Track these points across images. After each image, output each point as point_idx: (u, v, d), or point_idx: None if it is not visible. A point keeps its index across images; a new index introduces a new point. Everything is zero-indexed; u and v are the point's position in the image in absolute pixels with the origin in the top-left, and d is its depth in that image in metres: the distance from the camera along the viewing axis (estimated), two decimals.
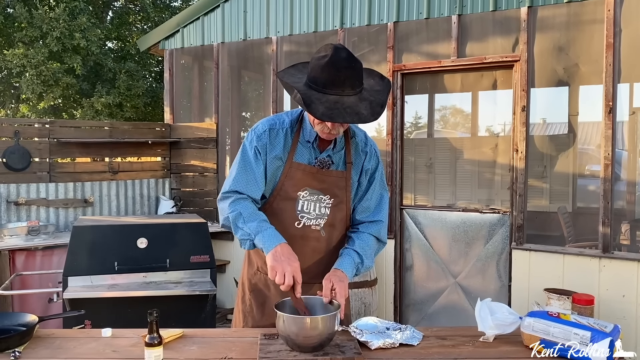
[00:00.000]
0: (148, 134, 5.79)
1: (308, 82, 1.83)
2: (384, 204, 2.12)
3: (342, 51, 1.79)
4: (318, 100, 1.78)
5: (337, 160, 2.03)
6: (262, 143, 1.99)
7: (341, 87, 1.78)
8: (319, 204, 2.02)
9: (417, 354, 1.77)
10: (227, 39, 5.54)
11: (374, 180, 2.09)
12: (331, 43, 1.83)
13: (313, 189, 2.00)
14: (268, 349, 1.69)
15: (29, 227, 4.56)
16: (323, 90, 1.79)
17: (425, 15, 4.50)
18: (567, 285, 3.85)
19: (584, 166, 4.94)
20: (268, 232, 1.88)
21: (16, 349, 1.76)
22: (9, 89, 10.88)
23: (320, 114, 1.76)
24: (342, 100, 1.78)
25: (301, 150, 2.01)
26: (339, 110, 1.77)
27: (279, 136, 2.00)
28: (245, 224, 1.90)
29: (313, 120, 1.92)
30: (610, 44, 3.78)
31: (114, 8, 12.25)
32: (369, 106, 1.81)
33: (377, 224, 2.09)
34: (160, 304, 3.12)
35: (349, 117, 1.78)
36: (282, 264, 1.79)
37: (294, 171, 1.99)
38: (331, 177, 2.02)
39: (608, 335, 1.63)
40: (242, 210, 1.93)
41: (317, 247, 2.05)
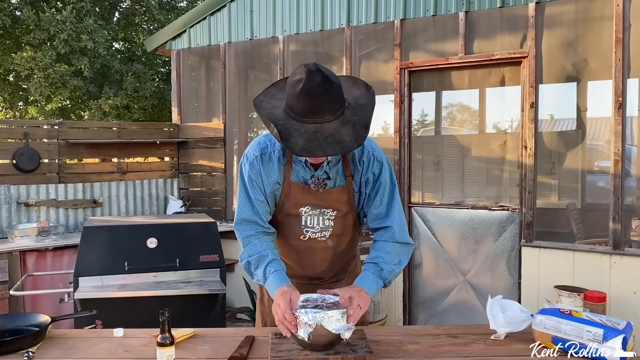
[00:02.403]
0: (156, 134, 5.82)
1: (286, 109, 1.73)
2: (395, 207, 1.99)
3: (316, 75, 1.66)
4: (297, 132, 1.68)
5: (334, 175, 1.95)
6: (255, 171, 1.93)
7: (320, 115, 1.67)
8: (322, 217, 1.99)
9: (428, 352, 1.76)
10: (233, 38, 5.55)
11: (380, 185, 1.97)
12: (305, 65, 1.71)
13: (314, 205, 1.97)
14: (279, 348, 1.70)
15: (39, 228, 4.59)
16: (301, 120, 1.69)
17: (432, 13, 4.49)
18: (577, 283, 3.83)
19: (593, 162, 4.90)
20: (272, 277, 1.87)
21: (29, 349, 1.77)
22: (18, 91, 10.95)
23: (300, 149, 1.67)
24: (322, 129, 1.68)
25: (296, 169, 1.94)
26: (319, 142, 1.67)
27: (272, 161, 1.93)
28: (255, 270, 1.94)
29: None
30: (619, 39, 3.76)
31: (120, 9, 12.30)
32: (351, 130, 1.70)
33: (388, 230, 1.97)
34: (170, 303, 3.13)
35: (330, 149, 1.67)
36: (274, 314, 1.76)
37: (293, 191, 1.95)
38: (331, 195, 1.96)
39: (621, 333, 1.62)
40: (250, 259, 1.94)
41: (325, 255, 2.06)
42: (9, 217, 4.77)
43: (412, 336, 1.92)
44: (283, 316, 1.69)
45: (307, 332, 1.61)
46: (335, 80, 1.72)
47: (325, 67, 1.75)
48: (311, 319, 1.61)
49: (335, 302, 1.75)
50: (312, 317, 1.61)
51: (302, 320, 1.62)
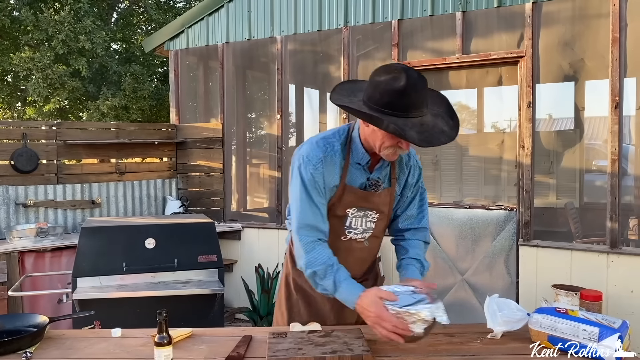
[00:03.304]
0: (154, 134, 5.82)
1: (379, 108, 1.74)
2: (426, 209, 2.14)
3: (413, 71, 1.73)
4: (406, 126, 1.71)
5: (383, 177, 2.02)
6: (319, 173, 1.90)
7: (420, 109, 1.74)
8: (365, 219, 2.03)
9: (425, 351, 1.77)
10: (231, 38, 5.55)
11: (418, 189, 2.11)
12: (390, 65, 1.79)
13: (360, 207, 2.01)
14: (277, 348, 1.70)
15: (38, 229, 4.59)
16: (405, 115, 1.72)
17: (429, 12, 4.50)
18: (575, 282, 3.84)
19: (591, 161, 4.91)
20: (342, 288, 1.83)
21: (27, 349, 1.78)
22: (16, 91, 10.95)
23: (418, 140, 1.71)
24: (423, 121, 1.75)
25: (353, 172, 1.96)
26: (429, 133, 1.73)
27: (333, 164, 1.92)
28: (322, 281, 1.87)
29: (380, 145, 1.83)
30: (616, 39, 3.77)
31: (118, 10, 12.30)
32: (442, 121, 1.79)
33: (422, 231, 2.12)
34: (169, 303, 3.14)
35: (442, 137, 1.75)
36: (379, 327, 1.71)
37: (346, 194, 1.97)
38: (379, 197, 2.01)
39: (616, 331, 1.62)
40: (317, 269, 1.87)
41: (360, 256, 2.10)
42: (8, 217, 4.77)
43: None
44: (394, 326, 1.67)
45: (422, 327, 1.65)
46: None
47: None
48: (428, 314, 1.65)
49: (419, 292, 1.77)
50: (429, 313, 1.65)
51: (420, 317, 1.64)
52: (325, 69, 5.41)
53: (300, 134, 5.82)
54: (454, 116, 1.83)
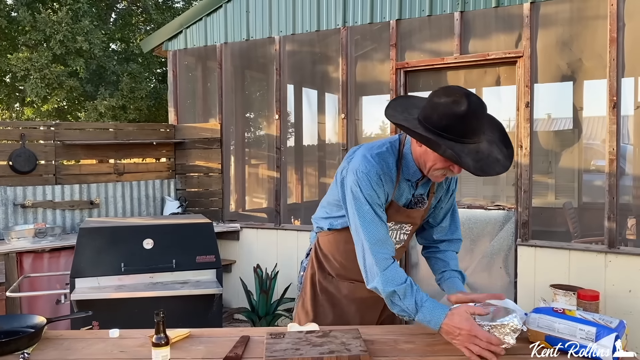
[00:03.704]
0: (153, 135, 5.82)
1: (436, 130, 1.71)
2: (458, 219, 2.16)
3: (475, 97, 1.70)
4: (462, 152, 1.69)
5: (425, 193, 2.02)
6: (381, 190, 1.87)
7: (477, 135, 1.73)
8: (400, 232, 2.05)
9: (423, 351, 1.77)
10: (230, 39, 5.55)
11: (451, 200, 2.11)
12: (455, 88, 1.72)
13: (398, 222, 2.02)
14: (274, 348, 1.70)
15: (36, 230, 4.59)
16: (462, 140, 1.70)
17: (427, 13, 4.50)
18: (573, 281, 3.84)
19: (589, 161, 4.91)
20: (426, 308, 1.77)
21: (25, 350, 1.77)
22: (14, 92, 10.94)
23: (473, 168, 1.68)
24: (479, 148, 1.73)
25: (402, 188, 1.95)
26: (484, 162, 1.71)
27: (390, 181, 1.90)
28: (402, 301, 1.81)
29: (431, 166, 1.81)
30: (613, 39, 3.77)
31: (117, 10, 12.29)
32: (497, 149, 1.77)
33: (456, 242, 2.15)
34: (167, 304, 3.14)
35: (498, 167, 1.72)
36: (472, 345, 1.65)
37: (391, 208, 1.96)
38: (418, 212, 2.02)
39: (613, 331, 1.62)
40: (397, 289, 1.80)
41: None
42: (6, 218, 4.77)
43: (407, 335, 1.93)
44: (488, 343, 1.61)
45: (514, 337, 1.65)
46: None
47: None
48: (519, 323, 1.66)
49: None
50: (518, 321, 1.66)
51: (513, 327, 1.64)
52: (323, 69, 5.41)
53: (299, 134, 5.82)
54: (508, 145, 1.80)
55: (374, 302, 2.03)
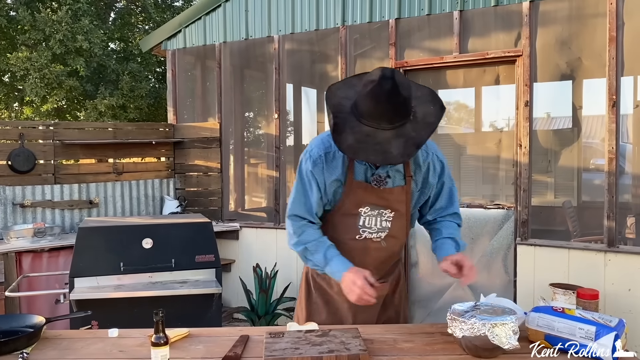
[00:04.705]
0: (152, 134, 5.81)
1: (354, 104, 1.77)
2: (456, 199, 2.12)
3: (387, 82, 1.67)
4: (351, 129, 1.72)
5: (393, 174, 1.97)
6: (319, 169, 1.94)
7: (377, 121, 1.71)
8: (379, 218, 2.01)
9: (422, 351, 1.77)
10: (228, 38, 5.54)
11: (442, 185, 2.07)
12: (382, 69, 1.71)
13: (374, 205, 1.98)
14: (273, 347, 1.70)
15: (35, 229, 4.58)
16: (360, 119, 1.73)
17: (426, 12, 4.49)
18: (572, 280, 3.84)
19: (588, 160, 4.91)
20: (334, 262, 1.94)
21: (24, 350, 1.77)
22: (13, 91, 10.92)
23: (346, 146, 1.72)
24: (375, 134, 1.72)
25: (358, 168, 1.95)
26: (366, 145, 1.71)
27: (336, 159, 1.94)
28: (313, 256, 1.98)
29: None
30: (613, 37, 3.77)
31: (116, 9, 12.28)
32: (402, 145, 1.72)
33: (454, 216, 2.11)
34: (166, 303, 3.14)
35: (373, 156, 1.73)
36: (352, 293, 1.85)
37: (355, 189, 1.96)
38: (392, 194, 1.98)
39: (613, 330, 1.62)
40: (308, 245, 1.99)
41: (377, 256, 2.08)
42: (5, 218, 4.76)
43: (407, 334, 1.93)
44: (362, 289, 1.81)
45: (515, 338, 1.63)
46: (406, 92, 1.71)
47: (403, 76, 1.76)
48: (515, 324, 1.65)
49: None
50: (515, 323, 1.65)
51: (512, 328, 1.63)
52: (322, 68, 5.41)
53: (298, 133, 5.82)
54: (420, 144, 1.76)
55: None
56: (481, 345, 1.64)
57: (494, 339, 1.61)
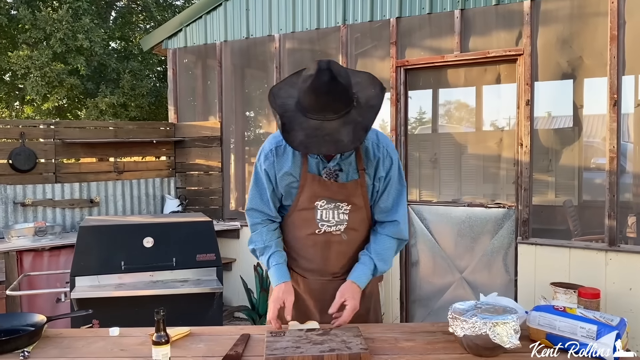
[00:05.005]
0: (153, 133, 5.81)
1: (298, 101, 1.80)
2: (402, 202, 2.08)
3: (325, 74, 1.71)
4: (299, 126, 1.77)
5: (346, 168, 1.99)
6: (269, 162, 2.01)
7: (322, 113, 1.75)
8: (336, 211, 2.02)
9: (423, 349, 1.77)
10: (229, 37, 5.54)
11: (389, 181, 2.04)
12: (318, 62, 1.75)
13: (330, 198, 2.00)
14: (274, 346, 1.70)
15: (36, 228, 4.58)
16: (306, 115, 1.77)
17: (427, 10, 4.49)
18: (573, 279, 3.84)
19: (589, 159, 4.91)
20: (273, 270, 2.05)
21: (25, 348, 1.77)
22: (14, 90, 10.92)
23: (297, 143, 1.76)
24: (323, 126, 1.75)
25: (311, 162, 1.98)
26: (317, 139, 1.75)
27: (286, 152, 1.99)
28: (261, 258, 2.12)
29: None
30: (614, 36, 3.77)
31: (117, 8, 12.28)
32: (351, 131, 1.75)
33: (394, 224, 2.06)
34: (167, 302, 3.13)
35: (325, 147, 1.76)
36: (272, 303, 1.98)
37: (309, 183, 1.98)
38: (346, 188, 2.00)
39: (614, 329, 1.62)
40: (256, 247, 2.11)
41: (341, 250, 2.08)
42: (6, 217, 4.77)
43: (408, 333, 1.93)
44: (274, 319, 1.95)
45: (517, 337, 1.62)
46: (344, 80, 1.75)
47: (340, 65, 1.79)
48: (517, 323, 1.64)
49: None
50: (517, 322, 1.64)
51: (514, 327, 1.62)
52: None
53: None
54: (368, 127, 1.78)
55: (331, 296, 2.00)
56: (482, 344, 1.64)
57: (495, 338, 1.61)
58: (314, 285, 2.11)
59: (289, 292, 1.99)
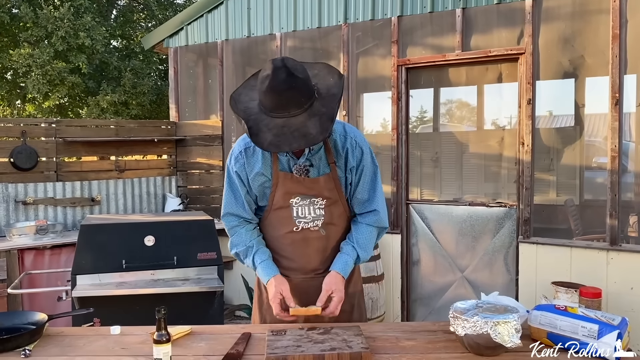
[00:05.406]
0: (154, 132, 5.81)
1: (260, 102, 1.83)
2: (378, 191, 2.07)
3: (281, 71, 1.73)
4: (266, 127, 1.78)
5: (317, 162, 2.00)
6: (240, 164, 2.03)
7: (286, 110, 1.76)
8: (312, 206, 2.03)
9: (424, 348, 1.77)
10: (230, 36, 5.54)
11: (362, 171, 2.03)
12: (272, 60, 1.77)
13: (304, 195, 2.01)
14: (275, 345, 1.70)
15: (37, 227, 4.59)
16: (270, 115, 1.78)
17: (429, 9, 4.48)
18: (574, 279, 3.84)
19: (591, 158, 4.90)
20: (260, 268, 2.04)
21: (26, 347, 1.78)
22: (15, 88, 10.93)
23: (267, 144, 1.77)
24: (290, 123, 1.77)
25: (281, 159, 2.00)
26: (285, 136, 1.75)
27: (256, 153, 2.00)
28: (245, 260, 2.10)
29: None
30: (616, 35, 3.76)
31: (118, 6, 12.28)
32: (318, 123, 1.77)
33: (374, 213, 2.07)
34: (168, 301, 3.14)
35: (296, 142, 1.76)
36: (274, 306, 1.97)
37: (282, 181, 2.00)
38: (318, 183, 2.00)
39: (616, 328, 1.62)
40: (238, 249, 2.10)
41: (319, 246, 2.08)
42: (7, 215, 4.77)
43: (409, 332, 1.93)
44: (280, 314, 1.95)
45: (518, 336, 1.62)
46: (302, 74, 1.78)
47: (295, 60, 1.81)
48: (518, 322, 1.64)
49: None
50: (518, 321, 1.64)
51: (515, 326, 1.62)
52: None
53: None
54: (333, 116, 1.79)
55: (314, 292, 2.01)
56: (483, 343, 1.64)
57: (497, 337, 1.61)
58: (297, 283, 2.08)
59: (282, 283, 1.99)
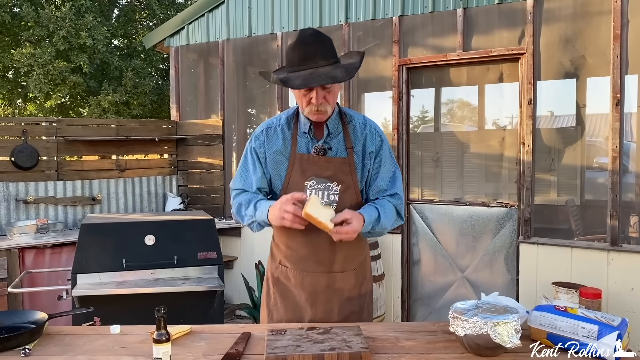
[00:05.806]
0: (155, 131, 5.81)
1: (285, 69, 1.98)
2: (398, 180, 2.12)
3: (308, 29, 1.94)
4: (294, 77, 1.88)
5: (335, 146, 2.06)
6: (259, 142, 2.10)
7: (313, 60, 1.88)
8: (326, 191, 2.03)
9: (424, 349, 1.77)
10: (232, 35, 5.54)
11: (381, 160, 2.09)
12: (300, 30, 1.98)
13: (319, 177, 2.02)
14: (275, 345, 1.70)
15: (38, 225, 4.59)
16: (298, 69, 1.90)
17: (430, 9, 4.48)
18: (575, 279, 3.83)
19: (592, 158, 4.89)
20: (261, 204, 2.01)
21: (26, 346, 1.78)
22: (17, 87, 10.94)
23: (298, 84, 1.86)
24: (317, 72, 1.88)
25: (300, 142, 2.06)
26: (314, 77, 1.86)
27: (277, 132, 2.09)
28: (246, 210, 2.08)
29: (300, 105, 2.01)
30: (617, 35, 3.75)
31: (120, 6, 12.28)
32: (344, 70, 1.90)
33: (394, 197, 2.10)
34: (168, 300, 3.14)
35: (325, 80, 1.86)
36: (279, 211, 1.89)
37: (298, 162, 2.04)
38: (333, 163, 2.03)
39: (615, 329, 1.62)
40: (241, 200, 2.10)
41: (330, 236, 2.03)
42: (8, 214, 4.78)
43: (409, 332, 1.93)
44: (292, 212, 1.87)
45: (518, 337, 1.62)
46: (327, 39, 1.94)
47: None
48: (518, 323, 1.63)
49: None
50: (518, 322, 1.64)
51: (515, 327, 1.62)
52: None
53: None
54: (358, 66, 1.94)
55: (323, 289, 2.04)
56: (483, 343, 1.64)
57: (496, 337, 1.60)
58: (306, 278, 2.09)
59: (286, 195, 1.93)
